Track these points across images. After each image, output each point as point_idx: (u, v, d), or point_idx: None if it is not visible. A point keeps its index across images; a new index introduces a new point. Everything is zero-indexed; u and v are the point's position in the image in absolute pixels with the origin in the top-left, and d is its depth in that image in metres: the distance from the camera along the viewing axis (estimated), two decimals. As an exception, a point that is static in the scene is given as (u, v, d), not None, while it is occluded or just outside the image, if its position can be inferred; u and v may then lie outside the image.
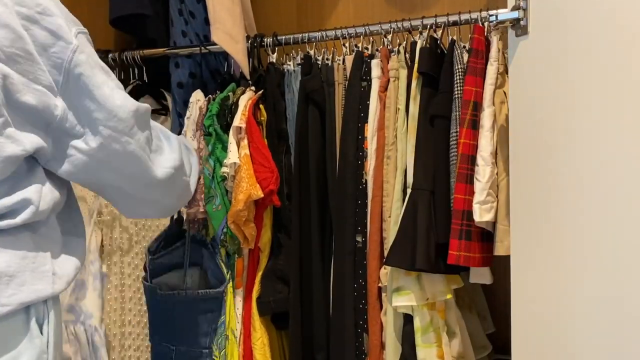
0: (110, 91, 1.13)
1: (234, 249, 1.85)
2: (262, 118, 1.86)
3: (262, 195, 1.74)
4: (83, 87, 1.11)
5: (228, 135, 1.81)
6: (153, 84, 2.14)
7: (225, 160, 1.78)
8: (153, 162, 1.25)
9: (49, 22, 1.07)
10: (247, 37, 1.93)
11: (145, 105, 1.21)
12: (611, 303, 1.18)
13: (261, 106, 1.86)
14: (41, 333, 1.10)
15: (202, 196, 1.81)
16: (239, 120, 1.80)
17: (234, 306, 1.88)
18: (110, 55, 2.12)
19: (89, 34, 1.16)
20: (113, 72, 1.23)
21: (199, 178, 1.62)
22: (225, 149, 1.81)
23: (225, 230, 1.81)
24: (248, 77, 1.90)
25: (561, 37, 1.26)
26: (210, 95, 1.90)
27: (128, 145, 1.17)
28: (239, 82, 1.94)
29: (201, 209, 1.80)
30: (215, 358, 1.84)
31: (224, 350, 1.85)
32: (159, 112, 2.13)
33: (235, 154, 1.77)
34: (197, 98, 1.90)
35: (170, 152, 1.32)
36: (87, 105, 1.11)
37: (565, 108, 1.25)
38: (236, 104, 1.85)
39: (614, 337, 1.17)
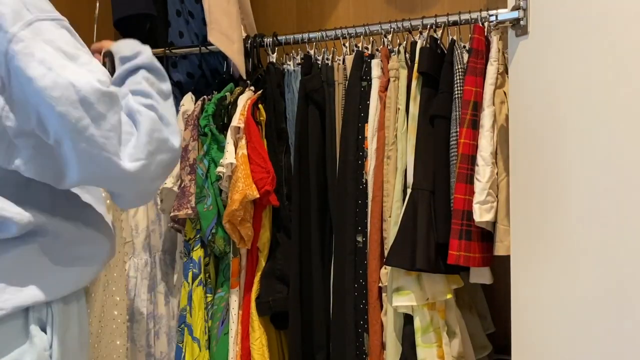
0: (41, 69, 0.95)
1: (220, 249, 1.85)
2: (261, 118, 1.85)
3: (258, 196, 1.74)
4: (18, 73, 0.96)
5: (224, 135, 1.81)
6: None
7: (221, 160, 1.78)
8: (120, 152, 1.01)
9: None
10: (247, 37, 1.93)
11: (112, 90, 1.00)
12: (611, 302, 1.17)
13: (260, 106, 1.86)
14: (45, 332, 1.10)
15: (192, 197, 1.81)
16: (237, 120, 1.80)
17: (230, 306, 1.89)
18: (110, 55, 2.11)
19: (64, 21, 1.02)
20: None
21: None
22: (220, 149, 1.81)
23: (213, 231, 1.81)
24: (244, 77, 1.89)
25: (561, 37, 1.26)
26: (205, 96, 1.90)
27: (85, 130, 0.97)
28: (237, 82, 1.94)
29: (189, 211, 1.80)
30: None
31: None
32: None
33: (232, 154, 1.77)
34: (183, 103, 1.93)
35: (138, 139, 1.05)
36: (26, 90, 0.96)
37: (565, 108, 1.25)
38: (234, 104, 1.85)
39: (613, 337, 1.17)
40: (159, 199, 1.91)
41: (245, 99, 1.84)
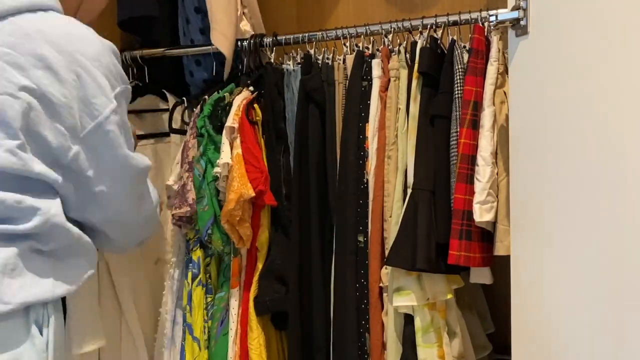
0: (127, 150, 1.29)
1: (217, 249, 1.85)
2: (257, 118, 1.85)
3: (254, 195, 1.74)
4: (108, 142, 1.24)
5: (221, 135, 1.81)
6: (156, 84, 2.13)
7: (218, 161, 1.78)
8: (140, 209, 1.44)
9: (98, 76, 1.20)
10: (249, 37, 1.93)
11: (147, 164, 1.39)
12: (611, 302, 1.17)
13: (256, 106, 1.86)
14: (41, 334, 1.16)
15: (189, 194, 1.82)
16: (231, 121, 1.80)
17: (230, 306, 1.89)
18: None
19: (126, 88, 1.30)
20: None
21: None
22: (217, 149, 1.81)
23: (209, 231, 1.81)
24: (225, 77, 1.90)
25: (561, 37, 1.26)
26: (206, 96, 1.90)
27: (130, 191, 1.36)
28: (239, 82, 1.94)
29: (187, 208, 1.81)
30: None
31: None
32: (162, 111, 2.13)
33: (228, 154, 1.77)
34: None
35: (150, 196, 1.48)
36: (106, 157, 1.25)
37: (565, 108, 1.25)
38: (232, 104, 1.85)
39: (613, 337, 1.17)
40: (166, 195, 1.92)
41: (240, 99, 1.84)
